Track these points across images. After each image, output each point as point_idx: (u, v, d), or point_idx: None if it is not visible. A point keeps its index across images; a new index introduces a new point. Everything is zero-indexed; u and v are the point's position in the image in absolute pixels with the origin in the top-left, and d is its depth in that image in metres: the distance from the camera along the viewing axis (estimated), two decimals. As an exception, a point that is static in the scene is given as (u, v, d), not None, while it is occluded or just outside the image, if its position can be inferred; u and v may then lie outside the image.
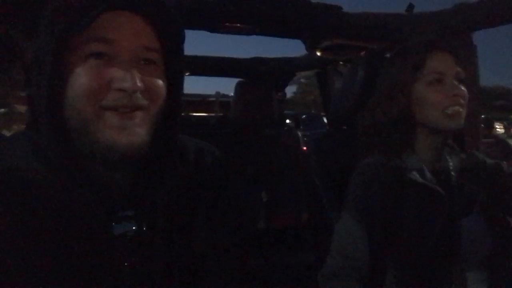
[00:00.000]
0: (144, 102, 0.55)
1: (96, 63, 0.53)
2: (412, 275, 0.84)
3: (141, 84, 0.53)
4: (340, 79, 2.14)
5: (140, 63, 0.56)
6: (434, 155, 0.92)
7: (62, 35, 0.51)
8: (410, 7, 1.35)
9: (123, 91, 0.52)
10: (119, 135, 0.53)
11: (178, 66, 0.62)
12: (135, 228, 0.57)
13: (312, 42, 1.55)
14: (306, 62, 2.25)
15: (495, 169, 0.95)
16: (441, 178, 0.90)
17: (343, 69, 2.12)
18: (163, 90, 0.58)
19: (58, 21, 0.51)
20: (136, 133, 0.54)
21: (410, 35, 1.31)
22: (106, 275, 0.54)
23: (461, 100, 0.85)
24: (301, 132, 2.16)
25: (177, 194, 0.62)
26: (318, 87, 2.43)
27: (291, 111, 12.53)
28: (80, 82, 0.52)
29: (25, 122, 0.60)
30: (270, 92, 1.84)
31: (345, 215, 0.87)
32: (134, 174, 0.59)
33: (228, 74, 2.57)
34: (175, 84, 0.62)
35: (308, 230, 1.69)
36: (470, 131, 1.25)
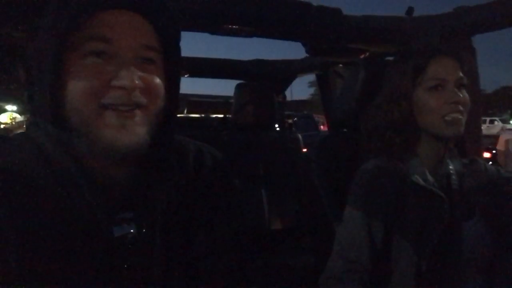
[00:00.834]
0: (143, 100, 0.55)
1: (95, 61, 0.53)
2: (413, 278, 0.83)
3: (140, 82, 0.53)
4: (341, 82, 2.14)
5: (139, 61, 0.56)
6: (436, 160, 0.92)
7: (63, 34, 0.51)
8: (410, 10, 1.36)
9: (122, 89, 0.52)
10: (119, 134, 0.53)
11: (176, 66, 0.62)
12: (135, 230, 0.57)
13: (313, 44, 1.55)
14: (307, 65, 2.25)
15: (495, 174, 0.95)
16: (442, 182, 0.90)
17: (343, 71, 2.13)
18: (162, 89, 0.58)
19: (59, 20, 0.51)
20: (136, 132, 0.54)
21: (410, 38, 1.31)
22: (106, 277, 0.53)
23: (460, 107, 0.85)
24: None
25: (176, 196, 0.62)
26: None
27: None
28: (80, 80, 0.52)
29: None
30: (271, 94, 1.84)
31: (347, 218, 0.87)
32: (133, 175, 0.59)
33: (229, 76, 2.57)
34: (173, 83, 0.62)
35: (308, 232, 1.69)
36: (471, 136, 1.25)
